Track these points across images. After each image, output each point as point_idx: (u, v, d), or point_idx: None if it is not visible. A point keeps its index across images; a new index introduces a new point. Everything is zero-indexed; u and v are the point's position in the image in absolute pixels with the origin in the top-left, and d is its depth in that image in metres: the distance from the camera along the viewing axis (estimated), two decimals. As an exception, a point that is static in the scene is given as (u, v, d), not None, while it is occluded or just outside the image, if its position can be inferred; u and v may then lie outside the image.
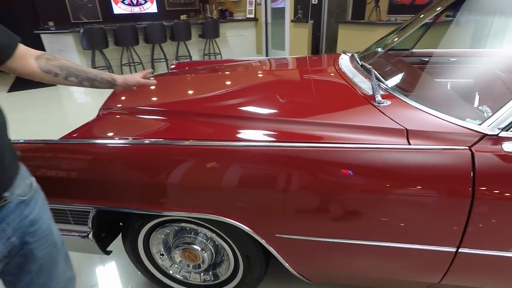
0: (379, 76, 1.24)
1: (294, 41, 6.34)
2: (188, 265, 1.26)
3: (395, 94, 1.09)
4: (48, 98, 4.65)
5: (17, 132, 3.07)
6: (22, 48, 0.79)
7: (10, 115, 0.72)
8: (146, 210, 1.03)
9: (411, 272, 0.98)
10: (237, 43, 7.12)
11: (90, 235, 1.10)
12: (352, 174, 0.84)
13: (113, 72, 5.34)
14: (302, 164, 0.87)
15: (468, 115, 0.90)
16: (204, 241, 1.18)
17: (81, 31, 4.82)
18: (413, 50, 2.19)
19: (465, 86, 1.56)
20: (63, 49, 5.19)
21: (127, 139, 1.05)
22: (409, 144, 0.84)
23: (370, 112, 1.00)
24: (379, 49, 1.82)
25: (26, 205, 0.72)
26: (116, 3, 7.24)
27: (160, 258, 1.28)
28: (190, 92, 1.55)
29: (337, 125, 0.96)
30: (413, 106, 0.99)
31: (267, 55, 7.28)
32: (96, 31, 4.96)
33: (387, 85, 1.17)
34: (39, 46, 5.17)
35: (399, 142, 0.85)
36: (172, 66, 2.28)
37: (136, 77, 1.07)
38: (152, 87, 1.51)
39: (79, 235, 1.10)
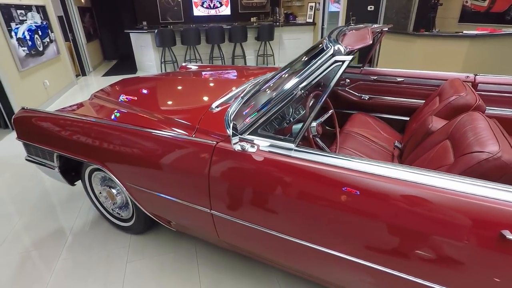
0: (245, 90, 1.65)
1: (343, 47, 6.37)
2: (108, 199, 1.92)
3: (232, 105, 1.50)
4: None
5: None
6: None
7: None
8: (75, 157, 1.71)
9: (197, 223, 1.42)
10: (293, 46, 7.50)
11: (56, 169, 1.86)
12: (155, 151, 1.34)
13: (177, 66, 6.59)
14: (129, 136, 1.42)
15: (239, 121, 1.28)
16: (119, 188, 1.82)
17: (155, 31, 6.01)
18: (364, 68, 2.37)
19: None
20: (144, 45, 6.55)
21: (85, 116, 1.72)
22: (192, 136, 1.30)
23: (197, 113, 1.46)
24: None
25: None
26: (196, 7, 8.46)
27: (100, 193, 1.98)
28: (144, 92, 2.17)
29: (167, 119, 1.46)
30: (217, 113, 1.41)
31: (320, 59, 7.45)
32: (167, 32, 6.10)
33: (241, 98, 1.58)
34: (129, 41, 6.66)
35: (184, 134, 1.31)
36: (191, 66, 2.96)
37: None
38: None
39: (51, 167, 1.88)
